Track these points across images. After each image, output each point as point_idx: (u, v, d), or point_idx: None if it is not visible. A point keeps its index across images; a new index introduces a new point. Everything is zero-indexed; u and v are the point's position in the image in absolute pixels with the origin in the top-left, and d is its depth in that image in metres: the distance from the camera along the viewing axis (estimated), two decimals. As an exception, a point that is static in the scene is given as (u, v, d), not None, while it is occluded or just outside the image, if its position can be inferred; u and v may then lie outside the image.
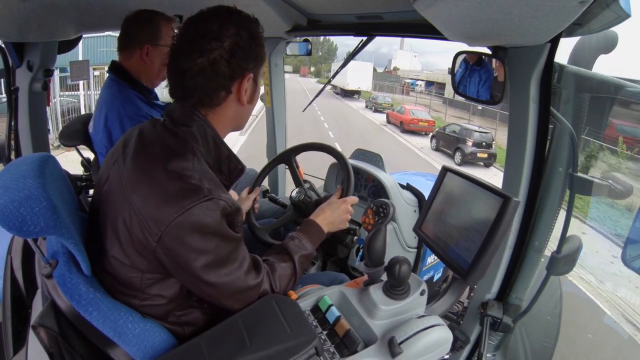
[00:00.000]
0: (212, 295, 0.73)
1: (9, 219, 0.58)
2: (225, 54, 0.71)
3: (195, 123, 0.74)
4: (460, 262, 0.81)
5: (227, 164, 0.80)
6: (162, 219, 0.65)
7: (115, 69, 1.31)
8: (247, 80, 0.76)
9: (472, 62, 1.03)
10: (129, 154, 0.73)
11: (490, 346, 1.18)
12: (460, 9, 0.74)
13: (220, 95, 0.74)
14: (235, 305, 0.75)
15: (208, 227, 0.67)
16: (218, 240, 0.69)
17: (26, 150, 1.50)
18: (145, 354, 0.69)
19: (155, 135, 0.75)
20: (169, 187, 0.67)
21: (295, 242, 0.90)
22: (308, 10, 1.44)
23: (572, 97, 1.01)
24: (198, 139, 0.74)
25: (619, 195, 0.96)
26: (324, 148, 1.29)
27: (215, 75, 0.72)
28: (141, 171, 0.70)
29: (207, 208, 0.67)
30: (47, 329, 0.64)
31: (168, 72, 0.75)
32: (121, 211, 0.69)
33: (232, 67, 0.72)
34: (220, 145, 0.78)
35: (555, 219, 1.07)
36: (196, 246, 0.67)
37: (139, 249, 0.67)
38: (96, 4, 1.30)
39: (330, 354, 0.73)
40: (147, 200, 0.67)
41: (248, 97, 0.78)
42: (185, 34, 0.73)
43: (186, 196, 0.66)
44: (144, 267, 0.69)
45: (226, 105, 0.76)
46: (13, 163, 0.72)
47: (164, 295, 0.72)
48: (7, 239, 1.07)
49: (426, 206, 0.98)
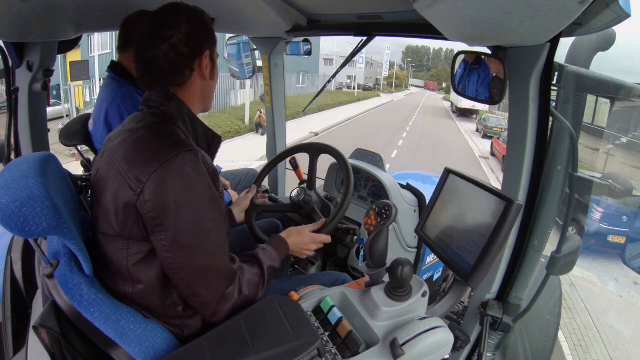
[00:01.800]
0: (184, 269, 0.71)
1: (11, 219, 0.57)
2: (183, 37, 0.79)
3: (171, 102, 0.81)
4: (462, 264, 0.81)
5: (205, 138, 0.87)
6: (145, 172, 0.68)
7: (114, 68, 1.34)
8: (205, 58, 0.83)
9: (472, 62, 1.03)
10: (115, 139, 0.79)
11: (490, 346, 1.18)
12: (460, 9, 0.74)
13: (185, 73, 0.82)
14: (202, 290, 0.74)
15: (188, 176, 0.70)
16: (200, 193, 0.71)
17: (26, 150, 1.49)
18: (146, 354, 0.69)
19: (137, 120, 0.81)
20: (153, 145, 0.72)
21: (266, 254, 0.91)
22: (308, 10, 1.44)
23: (571, 97, 1.01)
24: (175, 116, 0.81)
25: (619, 195, 0.97)
26: (324, 148, 1.29)
27: (178, 57, 0.80)
28: (128, 142, 0.75)
29: (189, 159, 0.71)
30: (49, 329, 0.64)
31: (136, 66, 0.82)
32: (111, 185, 0.72)
33: (191, 47, 0.80)
34: (195, 121, 0.85)
35: (555, 218, 1.08)
36: (176, 197, 0.69)
37: (123, 214, 0.70)
38: (96, 4, 1.30)
39: (332, 355, 0.73)
40: (132, 161, 0.71)
41: (209, 73, 0.86)
42: (145, 29, 0.80)
43: (168, 148, 0.70)
44: (127, 233, 0.70)
45: (192, 82, 0.84)
46: (14, 163, 0.72)
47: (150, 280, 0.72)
48: (7, 239, 1.07)
49: (428, 207, 0.98)
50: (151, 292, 0.73)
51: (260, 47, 1.80)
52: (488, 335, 1.13)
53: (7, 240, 1.07)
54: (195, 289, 0.73)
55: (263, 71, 1.86)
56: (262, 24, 1.56)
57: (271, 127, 1.99)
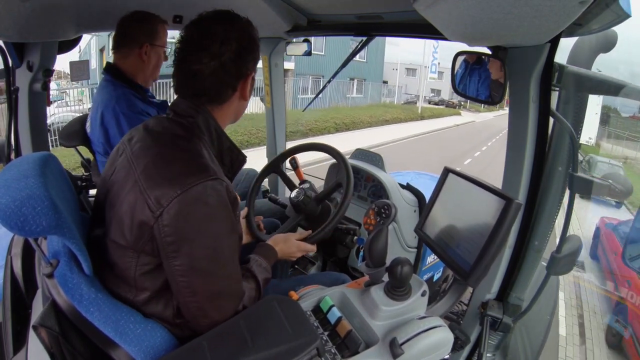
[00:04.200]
0: (198, 293, 0.70)
1: (10, 219, 0.58)
2: (233, 55, 0.76)
3: (199, 115, 0.78)
4: (462, 264, 0.81)
5: (229, 155, 0.84)
6: (166, 195, 0.66)
7: (110, 70, 1.33)
8: (249, 78, 0.82)
9: (472, 62, 1.03)
10: (136, 143, 0.76)
11: (490, 346, 1.18)
12: (460, 9, 0.74)
13: (228, 93, 0.80)
14: (213, 312, 0.73)
15: (210, 206, 0.68)
16: (220, 224, 0.70)
17: (26, 150, 1.49)
18: (146, 354, 0.69)
19: (162, 126, 0.78)
20: (176, 166, 0.70)
21: (259, 267, 0.91)
22: (308, 10, 1.45)
23: (572, 97, 1.01)
24: (202, 129, 0.78)
25: (619, 195, 0.96)
26: (324, 148, 1.30)
27: (226, 76, 0.77)
28: (150, 154, 0.72)
29: (212, 187, 0.68)
30: (48, 329, 0.64)
31: (176, 73, 0.79)
32: (128, 195, 0.70)
33: (239, 67, 0.78)
34: (222, 136, 0.82)
35: (555, 218, 1.08)
36: (196, 226, 0.67)
37: (138, 230, 0.68)
38: (96, 4, 1.30)
39: (332, 355, 0.73)
40: (153, 179, 0.68)
41: (249, 93, 0.84)
42: (192, 37, 0.77)
43: (192, 174, 0.68)
44: (140, 247, 0.69)
45: (231, 101, 0.82)
46: (14, 162, 0.72)
47: (155, 289, 0.72)
48: (7, 239, 1.07)
49: (428, 207, 0.98)
50: (154, 299, 0.73)
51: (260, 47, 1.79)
52: (488, 335, 1.13)
53: (7, 240, 1.07)
54: (207, 311, 0.72)
55: (263, 71, 1.86)
56: (262, 24, 1.55)
57: (271, 127, 1.99)
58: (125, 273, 0.71)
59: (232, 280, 0.74)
